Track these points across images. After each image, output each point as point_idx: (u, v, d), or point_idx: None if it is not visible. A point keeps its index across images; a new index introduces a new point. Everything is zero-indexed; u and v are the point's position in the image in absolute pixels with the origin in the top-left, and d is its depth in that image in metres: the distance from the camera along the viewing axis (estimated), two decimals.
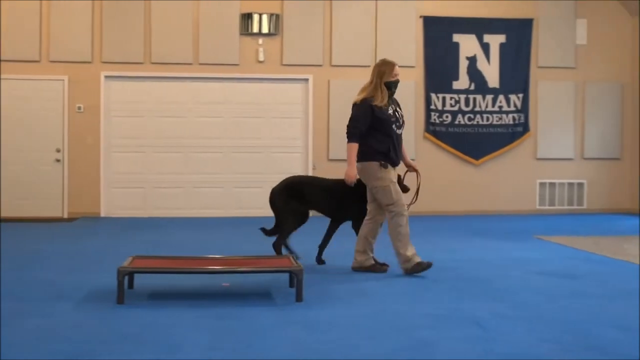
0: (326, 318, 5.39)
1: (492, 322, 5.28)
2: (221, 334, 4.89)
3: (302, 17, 13.94)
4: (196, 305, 5.84)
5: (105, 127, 13.65)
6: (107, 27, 13.54)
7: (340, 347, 4.57)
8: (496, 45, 14.51)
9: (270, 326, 5.12)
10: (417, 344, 4.66)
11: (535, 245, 9.71)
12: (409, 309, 5.73)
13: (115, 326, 5.14)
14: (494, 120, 14.44)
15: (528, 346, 4.64)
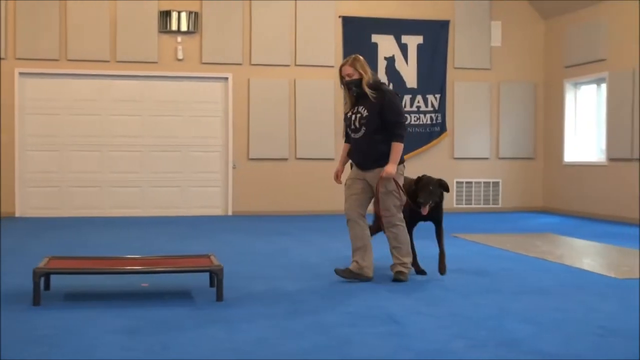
0: (247, 317, 5.36)
1: (407, 318, 5.33)
2: (138, 335, 4.83)
3: (221, 15, 13.88)
4: (114, 306, 5.75)
5: (20, 125, 13.36)
6: (21, 23, 13.25)
7: (260, 347, 4.56)
8: (414, 46, 14.69)
9: (188, 326, 5.07)
10: (335, 342, 4.68)
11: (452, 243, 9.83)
12: (326, 306, 5.75)
13: (30, 328, 5.02)
14: (412, 120, 14.60)
15: (443, 342, 4.69)
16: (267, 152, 14.16)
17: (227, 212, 14.09)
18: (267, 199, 14.16)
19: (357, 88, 6.80)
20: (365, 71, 6.76)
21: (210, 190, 14.12)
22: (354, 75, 6.77)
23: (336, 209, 14.23)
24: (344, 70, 6.84)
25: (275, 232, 11.21)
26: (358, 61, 6.82)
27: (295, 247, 9.43)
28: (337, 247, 9.46)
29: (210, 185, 14.12)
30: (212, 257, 6.53)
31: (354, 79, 6.78)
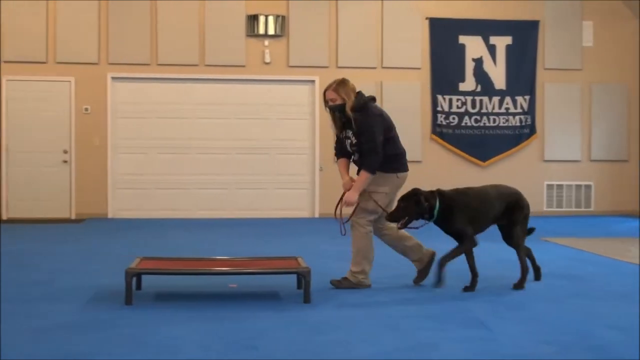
0: (332, 320, 5.36)
1: (495, 323, 5.25)
2: (226, 336, 4.87)
3: (307, 18, 13.94)
4: (202, 307, 5.82)
5: (112, 128, 13.67)
6: (113, 28, 13.56)
7: (345, 349, 4.55)
8: (502, 47, 14.47)
9: (276, 328, 5.10)
10: (419, 345, 4.64)
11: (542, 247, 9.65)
12: (413, 311, 5.70)
13: (121, 326, 5.13)
14: (500, 122, 14.40)
15: (530, 347, 4.61)
16: None
17: (313, 215, 14.12)
18: None
19: (339, 113, 6.68)
20: (349, 96, 6.61)
21: (296, 192, 14.17)
22: (336, 100, 6.65)
23: None
24: (327, 94, 6.73)
25: None
26: (342, 86, 6.69)
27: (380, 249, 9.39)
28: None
29: (296, 187, 14.17)
30: (299, 259, 6.54)
31: (337, 104, 6.65)
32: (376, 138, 6.55)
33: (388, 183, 6.73)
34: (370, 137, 6.55)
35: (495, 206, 6.73)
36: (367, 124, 6.57)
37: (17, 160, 13.51)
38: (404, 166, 6.93)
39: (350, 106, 6.58)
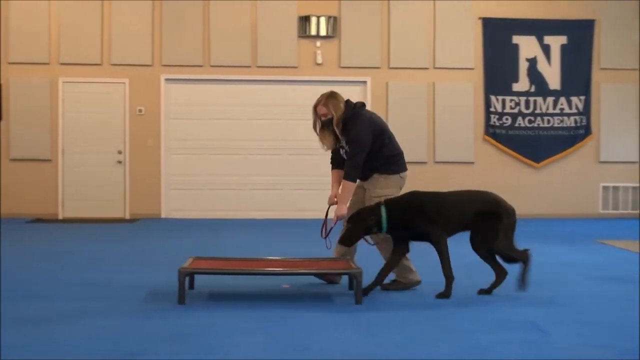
0: (385, 321, 5.34)
1: (550, 326, 5.18)
2: (278, 336, 4.89)
3: (359, 19, 13.93)
4: (255, 307, 5.83)
5: (165, 129, 13.82)
6: (166, 30, 13.71)
7: (397, 351, 4.54)
8: (557, 47, 14.31)
9: (328, 328, 5.10)
10: (473, 348, 4.60)
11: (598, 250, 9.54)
12: (466, 313, 5.66)
13: (174, 326, 5.16)
14: (555, 122, 14.25)
15: (586, 352, 4.54)
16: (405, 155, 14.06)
17: None
18: None
19: (330, 125, 6.71)
20: (336, 109, 6.62)
21: None
22: (328, 114, 6.67)
23: None
24: (318, 110, 6.75)
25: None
26: (331, 100, 6.70)
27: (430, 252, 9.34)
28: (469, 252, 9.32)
29: None
30: (350, 260, 6.55)
31: (329, 118, 6.67)
32: (362, 146, 6.61)
33: (392, 184, 6.77)
34: (356, 144, 6.60)
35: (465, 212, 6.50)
36: (355, 132, 6.62)
37: (72, 161, 13.74)
38: (404, 166, 6.99)
39: (339, 117, 6.61)
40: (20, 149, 13.65)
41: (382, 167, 6.74)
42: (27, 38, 13.58)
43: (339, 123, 6.61)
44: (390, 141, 6.92)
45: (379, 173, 6.73)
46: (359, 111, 6.78)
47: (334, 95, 6.77)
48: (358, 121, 6.67)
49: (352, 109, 6.72)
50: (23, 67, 13.65)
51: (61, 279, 7.10)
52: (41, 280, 7.05)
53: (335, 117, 6.61)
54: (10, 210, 13.56)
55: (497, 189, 14.08)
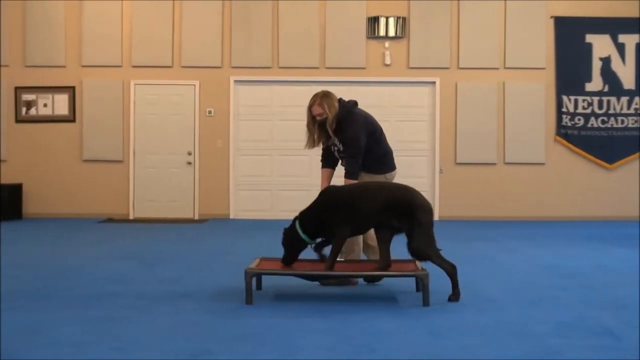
0: (452, 324, 5.32)
1: (624, 331, 5.11)
2: (344, 337, 4.90)
3: (428, 19, 13.88)
4: (321, 308, 5.85)
5: (234, 130, 13.96)
6: (236, 32, 13.85)
7: (465, 354, 4.52)
8: (632, 46, 14.06)
9: (394, 330, 5.10)
10: (545, 352, 4.56)
11: None
12: (536, 316, 5.60)
13: (241, 326, 5.21)
14: (629, 123, 14.00)
15: None
16: (474, 156, 14.01)
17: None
18: (473, 204, 14.00)
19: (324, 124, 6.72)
20: (330, 108, 6.65)
21: None
22: (323, 114, 6.67)
23: (546, 215, 13.90)
24: (313, 110, 6.72)
25: (481, 238, 11.07)
26: (325, 99, 6.71)
27: (500, 254, 9.27)
28: (540, 254, 9.22)
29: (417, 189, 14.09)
30: (417, 262, 6.54)
31: (325, 118, 6.67)
32: (360, 146, 6.76)
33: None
34: (354, 144, 6.73)
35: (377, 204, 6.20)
36: (351, 131, 6.71)
37: (143, 162, 13.97)
38: (391, 166, 7.10)
39: (334, 116, 6.66)
40: (93, 150, 13.93)
41: (370, 166, 6.89)
42: (100, 41, 13.87)
43: (333, 122, 6.69)
44: (381, 140, 7.03)
45: (366, 172, 6.88)
46: (353, 110, 6.89)
47: (328, 94, 6.81)
48: (353, 120, 6.81)
49: (346, 108, 6.81)
50: (96, 70, 13.93)
51: (131, 279, 7.23)
52: (112, 279, 7.19)
53: (330, 117, 6.67)
54: (83, 210, 13.86)
55: (568, 190, 14.09)
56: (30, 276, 7.32)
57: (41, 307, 5.80)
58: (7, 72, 13.92)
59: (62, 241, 10.38)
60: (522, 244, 10.40)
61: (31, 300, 6.11)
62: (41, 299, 6.16)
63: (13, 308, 5.74)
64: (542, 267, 8.09)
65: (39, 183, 13.98)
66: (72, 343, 4.72)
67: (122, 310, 5.70)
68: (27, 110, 13.98)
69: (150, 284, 6.93)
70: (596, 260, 8.76)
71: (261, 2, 13.83)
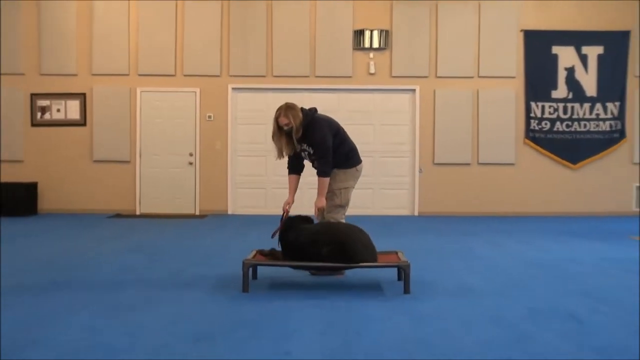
0: (432, 310, 5.35)
1: (588, 317, 5.14)
2: (333, 323, 4.92)
3: (409, 32, 13.90)
4: (312, 296, 5.87)
5: (232, 133, 13.94)
6: (233, 44, 13.84)
7: (443, 338, 4.54)
8: (594, 56, 14.10)
9: (379, 316, 5.12)
10: (516, 336, 4.58)
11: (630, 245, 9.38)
12: (508, 303, 5.63)
13: (238, 312, 5.23)
14: (591, 127, 14.06)
15: (622, 340, 4.50)
16: (451, 157, 14.04)
17: (413, 213, 14.08)
18: (450, 200, 14.05)
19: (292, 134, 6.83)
20: (295, 118, 6.73)
21: (398, 192, 14.16)
22: (289, 124, 6.75)
23: (517, 210, 13.94)
24: (280, 121, 6.80)
25: (459, 232, 11.10)
26: (289, 110, 6.79)
27: (479, 247, 9.30)
28: (513, 247, 9.25)
29: (398, 188, 14.16)
30: (399, 253, 6.56)
31: (291, 127, 6.77)
32: (328, 147, 6.87)
33: (350, 177, 7.07)
34: (323, 146, 6.84)
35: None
36: (319, 136, 6.81)
37: (149, 162, 13.95)
38: (358, 159, 7.22)
39: (298, 125, 6.75)
40: (102, 151, 13.91)
41: (340, 163, 7.03)
42: (109, 52, 13.84)
43: (298, 130, 6.77)
44: (345, 139, 7.14)
45: (338, 168, 7.04)
46: (315, 116, 6.98)
47: (291, 106, 6.88)
48: (317, 125, 6.89)
49: (309, 115, 6.90)
50: (105, 78, 13.90)
51: (139, 269, 7.23)
52: (122, 270, 7.19)
53: (295, 126, 6.74)
54: (93, 207, 13.85)
55: (536, 189, 14.17)
56: (46, 267, 7.32)
57: (56, 296, 5.80)
58: (23, 79, 13.90)
59: (75, 235, 10.36)
60: (495, 237, 10.44)
61: (47, 289, 6.11)
62: (56, 288, 6.16)
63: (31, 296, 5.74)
64: (515, 259, 8.13)
65: (53, 182, 13.95)
66: (85, 327, 4.73)
67: (131, 298, 5.72)
68: (42, 115, 13.94)
69: (156, 274, 6.94)
70: (563, 252, 8.80)
71: (257, 16, 13.82)
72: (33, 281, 6.49)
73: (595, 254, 8.61)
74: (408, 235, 10.60)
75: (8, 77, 13.89)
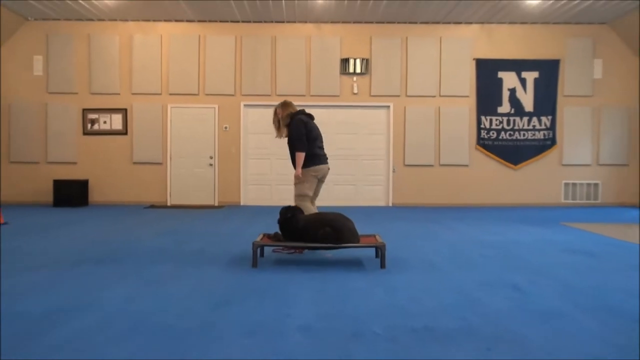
0: (403, 282, 5.35)
1: (527, 287, 5.15)
2: (324, 292, 4.92)
3: (385, 60, 13.89)
4: (307, 270, 5.88)
5: (244, 141, 13.90)
6: (245, 69, 13.81)
7: (412, 303, 4.54)
8: (531, 80, 14.12)
9: (360, 286, 5.12)
10: (469, 301, 4.59)
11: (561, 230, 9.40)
12: (464, 276, 5.64)
13: (250, 282, 5.23)
14: (528, 136, 14.08)
15: (553, 304, 4.51)
16: (418, 160, 14.04)
17: (388, 204, 14.08)
18: (417, 194, 14.05)
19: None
20: (283, 112, 7.16)
21: (376, 187, 14.16)
22: (279, 114, 7.21)
23: (470, 202, 13.95)
24: (277, 112, 7.26)
25: (425, 219, 11.11)
26: (282, 106, 7.27)
27: (440, 231, 9.31)
28: (468, 230, 9.26)
29: (376, 184, 14.15)
30: (377, 236, 6.55)
31: (280, 116, 7.18)
32: (300, 132, 6.95)
33: (306, 176, 7.00)
34: (297, 136, 6.95)
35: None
36: (294, 130, 6.99)
37: (177, 163, 13.90)
38: (317, 162, 7.10)
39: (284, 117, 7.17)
40: (140, 155, 13.86)
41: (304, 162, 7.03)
42: (145, 75, 13.80)
43: (284, 120, 7.15)
44: (310, 143, 7.08)
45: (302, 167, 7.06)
46: (297, 117, 7.14)
47: (285, 103, 7.31)
48: (295, 123, 7.05)
49: (292, 114, 7.18)
50: (142, 97, 13.86)
51: (169, 249, 7.21)
52: (155, 250, 7.17)
53: (282, 116, 7.17)
54: (133, 199, 13.81)
55: (485, 185, 14.10)
56: (97, 246, 7.29)
57: (105, 268, 5.78)
58: (77, 98, 13.84)
59: (118, 222, 10.32)
60: (453, 223, 10.46)
61: (98, 263, 6.09)
62: (105, 262, 6.14)
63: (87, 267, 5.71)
64: (468, 240, 8.13)
65: (101, 179, 13.90)
66: (125, 294, 4.70)
67: (162, 272, 5.69)
68: (92, 126, 13.88)
69: (183, 253, 6.92)
70: (507, 235, 8.81)
71: (263, 47, 13.79)
72: (87, 257, 6.47)
73: (533, 236, 8.63)
74: (383, 222, 10.60)
75: (65, 95, 13.85)
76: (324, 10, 13.02)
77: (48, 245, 7.37)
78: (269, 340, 3.63)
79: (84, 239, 7.98)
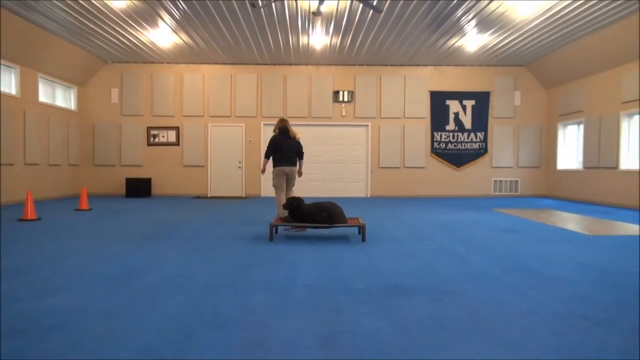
0: (378, 252, 5.34)
1: (468, 255, 5.14)
2: (322, 259, 4.91)
3: (365, 91, 13.88)
4: (309, 243, 5.86)
5: (262, 150, 13.86)
6: (264, 98, 13.78)
7: (384, 268, 4.54)
8: (470, 106, 14.13)
9: (347, 256, 5.11)
10: (424, 266, 4.58)
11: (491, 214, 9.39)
12: (420, 247, 5.63)
13: (266, 253, 5.21)
14: (467, 146, 14.09)
15: (486, 267, 4.50)
16: (389, 163, 14.03)
17: (367, 195, 14.07)
18: (388, 188, 14.05)
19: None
20: (276, 126, 7.26)
21: (358, 183, 14.15)
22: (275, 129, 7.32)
23: (426, 194, 13.93)
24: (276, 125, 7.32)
25: (393, 206, 11.10)
26: (278, 122, 7.30)
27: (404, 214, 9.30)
28: (424, 214, 9.26)
29: (358, 181, 14.15)
30: (360, 219, 6.53)
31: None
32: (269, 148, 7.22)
33: (273, 173, 7.27)
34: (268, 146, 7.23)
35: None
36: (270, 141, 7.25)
37: (215, 166, 13.87)
38: (276, 165, 7.24)
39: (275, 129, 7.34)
40: (189, 159, 13.83)
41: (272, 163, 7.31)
42: (192, 102, 13.77)
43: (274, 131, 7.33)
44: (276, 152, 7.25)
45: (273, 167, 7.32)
46: (276, 134, 7.32)
47: (281, 120, 7.37)
48: (270, 139, 7.29)
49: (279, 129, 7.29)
50: (190, 118, 13.82)
51: (210, 228, 7.18)
52: (200, 229, 7.15)
53: (274, 130, 7.35)
54: (183, 192, 13.78)
55: (437, 181, 14.06)
56: (158, 226, 7.26)
57: (160, 243, 5.75)
58: (143, 119, 13.80)
59: (173, 208, 10.30)
60: (413, 209, 10.45)
61: (158, 238, 6.06)
62: (163, 237, 6.12)
63: (150, 241, 5.69)
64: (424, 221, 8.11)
65: (160, 177, 13.86)
66: (178, 261, 4.69)
67: (204, 244, 5.67)
68: (153, 139, 13.84)
69: (219, 231, 6.89)
70: (453, 217, 8.81)
71: (277, 81, 13.76)
72: (151, 233, 6.44)
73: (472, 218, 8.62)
74: (364, 208, 10.59)
75: (134, 117, 13.81)
76: (321, 56, 13.02)
77: (123, 224, 7.35)
78: (281, 294, 3.62)
79: (149, 220, 7.96)
